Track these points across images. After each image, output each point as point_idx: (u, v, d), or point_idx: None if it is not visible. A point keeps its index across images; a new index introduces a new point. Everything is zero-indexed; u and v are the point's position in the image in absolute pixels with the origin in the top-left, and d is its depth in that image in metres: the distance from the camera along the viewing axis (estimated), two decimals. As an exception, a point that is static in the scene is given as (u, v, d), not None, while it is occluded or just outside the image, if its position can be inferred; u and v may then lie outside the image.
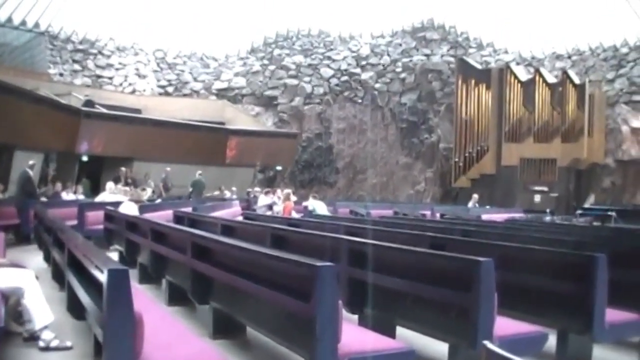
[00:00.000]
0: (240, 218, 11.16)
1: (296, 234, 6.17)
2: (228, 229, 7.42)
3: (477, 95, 23.55)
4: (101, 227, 9.24)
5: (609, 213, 16.14)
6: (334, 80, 25.17)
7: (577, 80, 22.14)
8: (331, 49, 25.73)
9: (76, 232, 6.60)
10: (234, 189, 19.33)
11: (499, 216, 15.97)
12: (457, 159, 23.25)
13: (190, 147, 19.69)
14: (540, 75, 22.70)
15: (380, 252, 4.16)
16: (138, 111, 21.40)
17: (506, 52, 25.58)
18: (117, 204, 10.10)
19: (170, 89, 24.37)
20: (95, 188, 16.22)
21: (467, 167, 23.17)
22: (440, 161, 24.56)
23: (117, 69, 23.60)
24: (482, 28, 25.95)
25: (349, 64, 25.46)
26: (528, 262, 4.41)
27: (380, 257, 4.11)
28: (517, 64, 24.62)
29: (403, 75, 25.36)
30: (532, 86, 22.62)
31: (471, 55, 25.05)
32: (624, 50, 23.23)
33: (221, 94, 24.46)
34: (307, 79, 25.04)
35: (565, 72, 22.46)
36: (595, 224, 15.35)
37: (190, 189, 17.65)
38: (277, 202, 15.19)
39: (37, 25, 21.56)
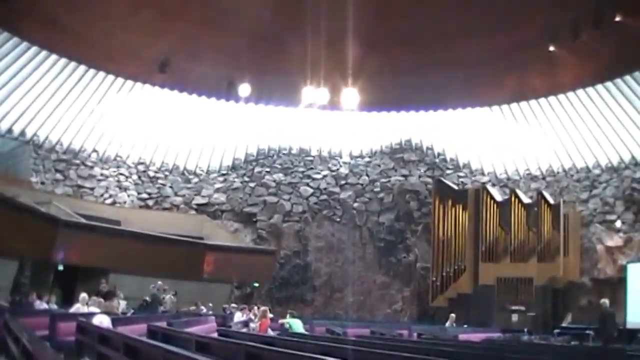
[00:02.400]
0: (215, 334, 11.11)
1: (271, 352, 6.17)
2: (202, 345, 7.39)
3: (454, 215, 23.88)
4: (73, 338, 9.17)
5: (587, 332, 16.20)
6: (313, 199, 25.47)
7: (551, 201, 22.56)
8: (311, 168, 26.15)
9: (46, 343, 6.56)
10: (210, 304, 19.22)
11: (476, 336, 15.97)
12: (434, 278, 23.35)
13: (167, 260, 19.72)
14: (516, 195, 23.13)
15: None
16: (117, 223, 21.50)
17: (482, 173, 26.09)
18: (90, 315, 10.04)
19: (150, 202, 24.53)
20: (69, 298, 16.05)
21: (445, 287, 23.24)
22: (418, 280, 24.61)
23: (98, 180, 23.82)
24: (458, 149, 26.55)
25: (328, 183, 25.83)
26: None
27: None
28: (493, 184, 25.10)
29: (381, 195, 25.73)
30: (507, 206, 23.00)
31: (448, 176, 25.53)
32: (596, 171, 23.79)
33: (201, 209, 24.66)
34: (286, 196, 25.34)
35: (540, 193, 22.92)
36: (573, 343, 15.38)
37: (145, 303, 17.06)
38: (253, 319, 15.15)
39: (23, 133, 21.91)
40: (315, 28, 21.70)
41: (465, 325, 19.42)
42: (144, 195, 24.57)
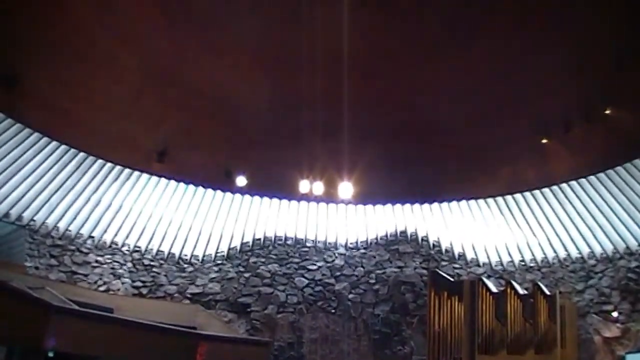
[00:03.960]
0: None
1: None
2: None
3: (450, 307, 23.59)
4: None
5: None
6: (308, 290, 25.31)
7: (547, 292, 22.38)
8: (306, 259, 26.10)
9: None
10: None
11: None
12: (431, 371, 22.96)
13: (160, 349, 19.41)
14: (512, 287, 22.94)
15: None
16: (110, 310, 21.28)
17: (478, 264, 26.04)
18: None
19: (144, 290, 24.35)
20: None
21: (442, 379, 22.82)
22: (414, 374, 24.21)
23: (93, 267, 23.73)
24: (454, 240, 26.63)
25: (323, 274, 25.74)
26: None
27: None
28: (489, 276, 24.98)
29: (377, 286, 25.58)
30: (503, 298, 22.75)
31: (444, 268, 25.43)
32: (592, 262, 23.77)
33: (195, 298, 24.43)
34: (281, 287, 25.18)
35: (536, 284, 22.72)
36: None
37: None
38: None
39: (19, 218, 22.00)
40: (312, 121, 22.19)
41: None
42: (138, 283, 24.45)
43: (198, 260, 25.58)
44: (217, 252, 25.83)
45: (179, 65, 20.67)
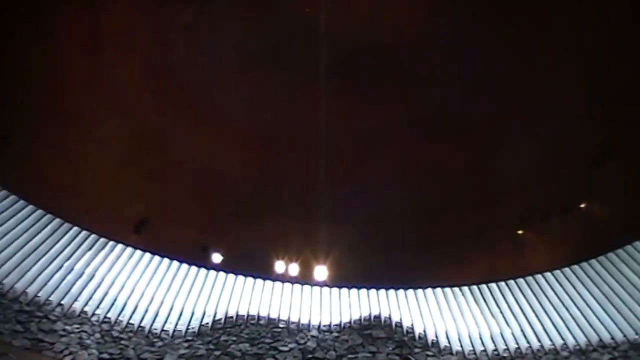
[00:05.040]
0: None
1: None
2: None
3: (422, 396, 23.39)
4: None
5: None
6: (278, 372, 24.87)
7: (519, 383, 22.28)
8: (278, 340, 25.66)
9: None
10: None
11: None
12: None
13: None
14: (484, 376, 22.84)
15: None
16: (75, 382, 20.83)
17: (451, 352, 25.76)
18: None
19: (110, 363, 23.80)
20: None
21: None
22: None
23: (60, 335, 23.10)
24: (427, 327, 26.43)
25: (294, 357, 25.22)
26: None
27: None
28: (461, 364, 24.81)
29: (348, 371, 25.24)
30: (476, 387, 22.64)
31: (416, 355, 25.11)
32: (565, 354, 23.57)
33: (162, 374, 23.90)
34: (251, 367, 24.73)
35: (508, 374, 22.68)
36: None
37: None
38: None
39: (-13, 285, 21.65)
40: (291, 202, 22.38)
41: None
42: (105, 356, 23.72)
43: (168, 335, 24.99)
44: (187, 328, 25.29)
45: (164, 136, 20.87)
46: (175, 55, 19.47)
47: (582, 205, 21.65)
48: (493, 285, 25.41)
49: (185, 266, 25.63)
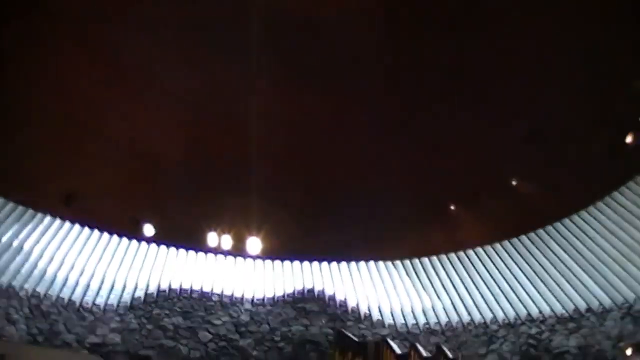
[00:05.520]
0: None
1: None
2: None
3: (354, 368, 23.58)
4: None
5: None
6: (212, 345, 24.64)
7: (450, 355, 22.52)
8: (211, 313, 25.57)
9: None
10: None
11: None
12: None
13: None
14: (415, 349, 22.94)
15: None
16: (2, 358, 20.30)
17: (383, 325, 26.11)
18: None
19: (40, 338, 23.14)
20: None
21: None
22: None
23: (-14, 311, 22.66)
24: (360, 300, 26.73)
25: (227, 330, 25.19)
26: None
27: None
28: (394, 338, 24.95)
29: (281, 344, 25.22)
30: (407, 360, 22.91)
31: (349, 328, 25.34)
32: (494, 327, 24.22)
33: (94, 348, 23.34)
34: (184, 341, 24.39)
35: (439, 347, 22.90)
36: None
37: None
38: None
39: None
40: (224, 177, 22.15)
41: None
42: (35, 331, 23.21)
43: (99, 309, 24.59)
44: (119, 302, 24.96)
45: (99, 112, 20.34)
46: (108, 31, 18.92)
47: (514, 182, 21.99)
48: (425, 259, 25.82)
49: (116, 238, 25.22)
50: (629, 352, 20.28)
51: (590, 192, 21.91)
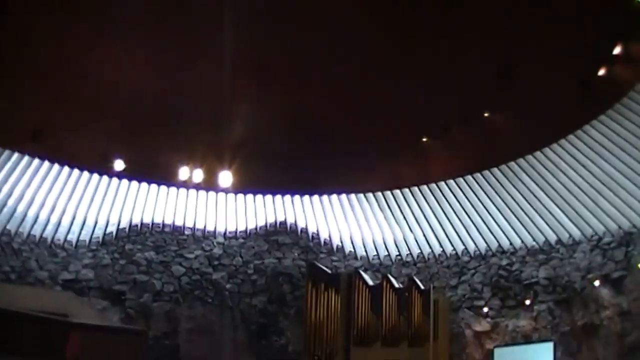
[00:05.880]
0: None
1: None
2: None
3: (327, 299, 23.69)
4: None
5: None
6: (185, 279, 24.77)
7: (422, 286, 22.92)
8: (184, 247, 25.58)
9: None
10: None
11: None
12: (306, 362, 23.01)
13: (28, 339, 18.61)
14: (388, 281, 23.33)
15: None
16: (-25, 297, 20.23)
17: (355, 257, 26.41)
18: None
19: (13, 276, 23.05)
20: None
21: (317, 371, 22.92)
22: (290, 365, 24.22)
23: (-44, 251, 22.42)
24: (333, 233, 26.92)
25: (201, 263, 25.29)
26: None
27: None
28: (366, 269, 25.32)
29: (254, 277, 25.44)
30: (379, 291, 23.09)
31: (322, 260, 25.58)
32: (465, 258, 24.64)
33: (67, 285, 23.37)
34: (157, 275, 24.47)
35: (411, 279, 23.29)
36: None
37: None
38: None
39: None
40: (194, 111, 21.82)
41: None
42: (6, 269, 23.06)
43: (71, 245, 24.46)
44: (91, 238, 24.82)
45: (67, 48, 19.74)
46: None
47: (486, 115, 21.95)
48: (397, 191, 25.92)
49: (86, 174, 24.83)
50: (597, 283, 20.77)
51: (561, 125, 21.92)
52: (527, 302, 22.50)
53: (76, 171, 24.60)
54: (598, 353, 20.33)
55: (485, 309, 23.32)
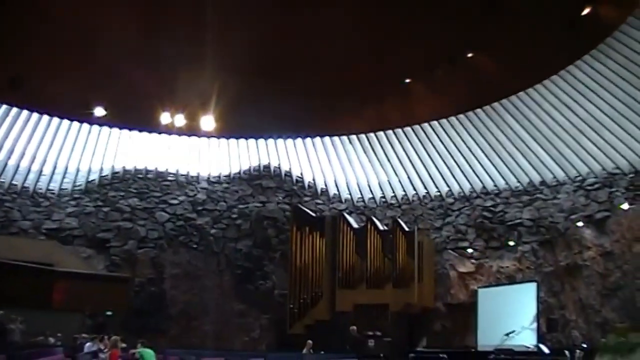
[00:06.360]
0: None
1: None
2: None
3: (312, 242, 23.87)
4: None
5: (441, 355, 16.55)
6: (169, 225, 24.74)
7: (406, 228, 23.00)
8: (167, 193, 25.48)
9: None
10: (59, 334, 18.21)
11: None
12: (292, 306, 23.12)
13: (14, 289, 18.66)
14: (372, 223, 23.42)
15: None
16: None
17: (340, 200, 26.42)
18: None
19: (-5, 227, 23.02)
20: None
21: (302, 314, 23.10)
22: (276, 308, 24.34)
23: (-63, 203, 22.25)
24: (317, 176, 26.84)
25: (185, 209, 25.24)
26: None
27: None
28: (350, 212, 25.40)
29: (239, 221, 25.45)
30: (364, 234, 23.23)
31: (306, 203, 25.61)
32: (450, 200, 24.70)
33: (51, 234, 23.28)
34: (141, 222, 24.44)
35: (395, 221, 23.35)
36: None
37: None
38: (103, 349, 14.57)
39: None
40: (175, 53, 21.44)
41: (322, 352, 19.36)
42: (-11, 219, 23.08)
43: (54, 194, 24.36)
44: (74, 186, 24.70)
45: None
46: None
47: (469, 55, 21.65)
48: (381, 134, 25.72)
49: (66, 122, 24.49)
50: (580, 224, 20.82)
51: (546, 66, 21.64)
52: (511, 243, 22.60)
53: (56, 119, 24.23)
54: (580, 293, 20.51)
55: (470, 250, 23.44)
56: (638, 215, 18.96)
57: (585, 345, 17.11)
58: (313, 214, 24.62)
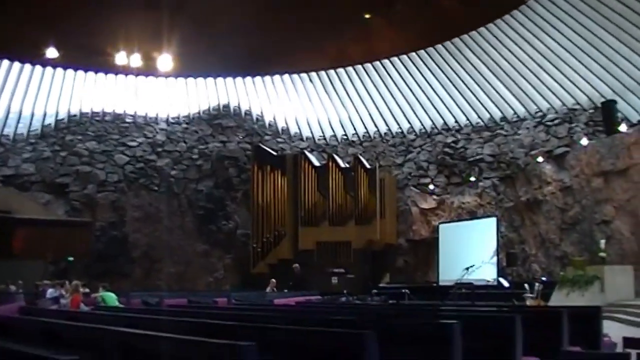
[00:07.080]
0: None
1: (70, 327, 5.74)
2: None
3: (273, 181, 23.80)
4: None
5: (403, 291, 16.76)
6: (129, 167, 24.40)
7: (368, 166, 23.00)
8: (126, 135, 25.06)
9: None
10: (20, 282, 18.03)
11: (294, 300, 16.02)
12: (255, 245, 23.15)
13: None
14: (334, 161, 23.38)
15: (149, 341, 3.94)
16: None
17: (301, 138, 26.27)
18: None
19: (-51, 174, 22.55)
20: None
21: (265, 253, 23.15)
22: (239, 248, 24.35)
23: None
24: (277, 115, 26.59)
25: (144, 151, 24.88)
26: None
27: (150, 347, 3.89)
28: (312, 150, 25.27)
29: (199, 162, 25.19)
30: (326, 172, 23.20)
31: (267, 142, 25.41)
32: (411, 137, 24.68)
33: (8, 181, 22.84)
34: (100, 165, 24.06)
35: (357, 158, 23.33)
36: (390, 301, 15.82)
37: None
38: (64, 294, 14.41)
39: None
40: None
41: (286, 290, 19.46)
42: (-59, 168, 22.58)
43: (9, 140, 23.80)
44: (29, 131, 24.18)
45: None
46: None
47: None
48: (341, 70, 25.43)
49: (17, 64, 23.77)
50: (540, 159, 20.90)
51: (506, 0, 21.44)
52: (472, 178, 22.69)
53: (6, 61, 23.49)
54: (540, 227, 20.72)
55: (431, 187, 23.53)
56: (597, 150, 19.04)
57: (544, 279, 17.44)
58: (274, 153, 24.47)
